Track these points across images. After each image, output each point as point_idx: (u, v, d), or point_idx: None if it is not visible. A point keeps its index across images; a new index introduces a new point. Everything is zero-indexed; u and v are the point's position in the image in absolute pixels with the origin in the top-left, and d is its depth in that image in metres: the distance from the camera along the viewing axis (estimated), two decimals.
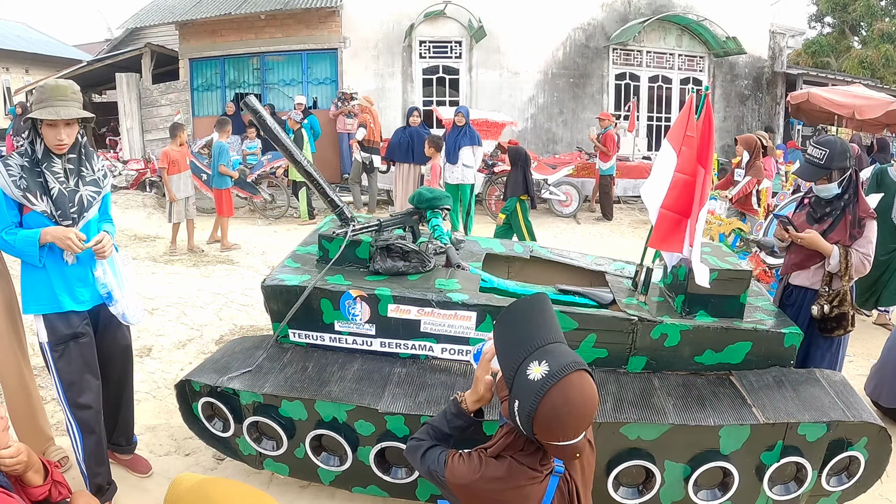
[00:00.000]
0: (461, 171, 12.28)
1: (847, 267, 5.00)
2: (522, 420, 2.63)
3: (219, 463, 5.15)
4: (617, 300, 4.75)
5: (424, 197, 5.06)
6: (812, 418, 4.16)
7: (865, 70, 34.43)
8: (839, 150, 5.04)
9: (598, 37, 19.53)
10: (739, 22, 20.10)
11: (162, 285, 9.71)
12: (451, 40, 18.84)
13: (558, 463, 2.78)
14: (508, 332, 2.81)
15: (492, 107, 18.17)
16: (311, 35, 18.47)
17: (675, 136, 4.54)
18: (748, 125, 21.32)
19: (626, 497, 4.21)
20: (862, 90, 18.82)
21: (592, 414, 2.68)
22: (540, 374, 2.60)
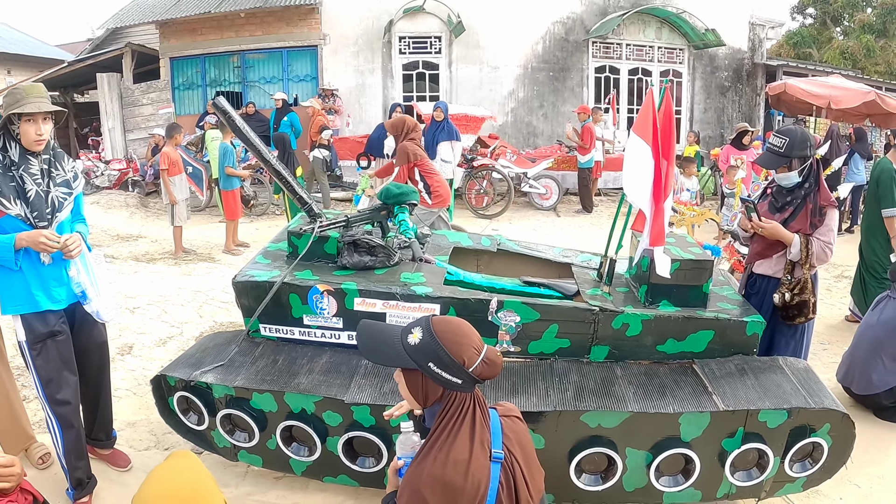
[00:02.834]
0: (440, 165, 12.29)
1: (808, 255, 5.05)
2: (445, 364, 2.72)
3: (197, 456, 5.22)
4: (581, 291, 4.82)
5: (392, 192, 5.13)
6: (772, 405, 4.23)
7: (847, 61, 34.62)
8: (799, 139, 5.09)
9: (578, 30, 19.59)
10: (719, 14, 20.19)
11: (143, 284, 9.75)
12: (431, 36, 18.88)
13: (496, 448, 2.85)
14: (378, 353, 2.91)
15: (472, 101, 18.21)
16: (291, 32, 18.50)
17: (643, 128, 4.56)
18: (729, 117, 21.44)
19: (589, 484, 4.28)
20: (840, 81, 18.89)
21: (469, 325, 2.88)
22: (417, 333, 2.78)
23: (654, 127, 4.48)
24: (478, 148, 16.15)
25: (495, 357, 2.81)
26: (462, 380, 2.74)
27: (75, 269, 4.42)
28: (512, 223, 14.81)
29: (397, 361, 2.83)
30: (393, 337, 2.85)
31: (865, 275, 8.65)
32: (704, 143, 19.96)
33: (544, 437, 4.16)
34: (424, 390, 2.82)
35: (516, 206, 16.08)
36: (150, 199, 16.82)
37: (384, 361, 2.93)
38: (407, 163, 8.95)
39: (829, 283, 11.37)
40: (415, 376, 2.82)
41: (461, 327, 2.84)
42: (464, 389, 2.79)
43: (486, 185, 15.26)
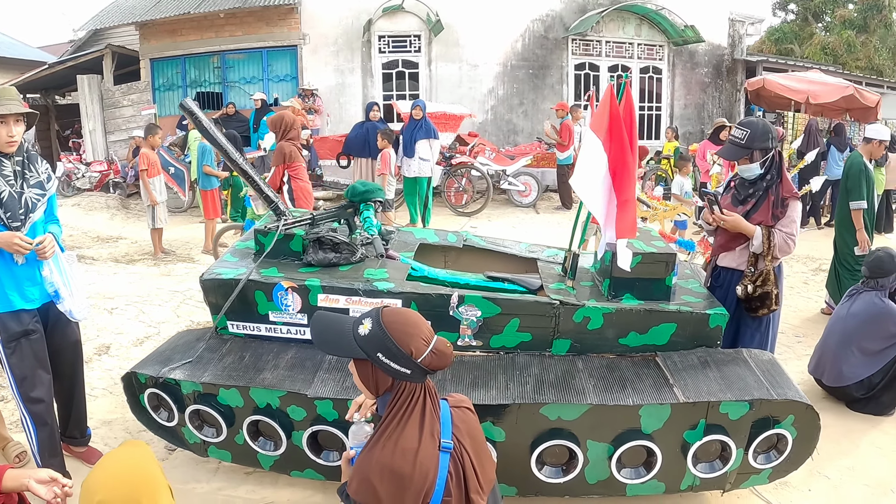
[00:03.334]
0: (418, 164, 12.40)
1: (770, 247, 5.08)
2: (393, 355, 2.80)
3: (170, 453, 5.27)
4: (544, 286, 4.85)
5: (358, 190, 5.18)
6: (734, 397, 4.26)
7: (828, 56, 34.80)
8: (760, 131, 5.13)
9: (557, 27, 19.64)
10: (698, 10, 20.28)
11: (122, 285, 9.78)
12: (410, 34, 18.89)
13: (445, 438, 2.89)
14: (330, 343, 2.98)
15: (452, 99, 18.28)
16: (271, 32, 18.49)
17: (598, 125, 4.59)
18: (709, 112, 21.53)
19: (551, 476, 4.32)
20: (818, 76, 19.00)
21: (420, 316, 2.98)
22: (367, 324, 2.85)
23: (613, 122, 4.52)
24: (457, 146, 16.21)
25: (445, 348, 2.87)
26: (411, 370, 2.81)
27: (48, 270, 4.51)
28: (491, 220, 14.87)
29: (348, 352, 2.89)
30: (345, 328, 2.92)
31: (839, 267, 8.74)
32: (685, 139, 20.04)
33: (505, 431, 4.19)
34: (375, 380, 2.89)
35: (496, 204, 16.16)
36: (131, 200, 16.84)
37: (336, 352, 3.00)
38: (282, 163, 8.90)
39: (807, 277, 11.47)
40: (365, 366, 2.89)
41: (410, 318, 2.90)
42: (413, 380, 2.85)
43: (465, 182, 15.32)
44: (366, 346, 2.83)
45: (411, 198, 12.71)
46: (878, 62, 36.10)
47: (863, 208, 8.39)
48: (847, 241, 8.59)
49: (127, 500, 2.33)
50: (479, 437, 3.10)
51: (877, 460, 5.71)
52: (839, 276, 8.69)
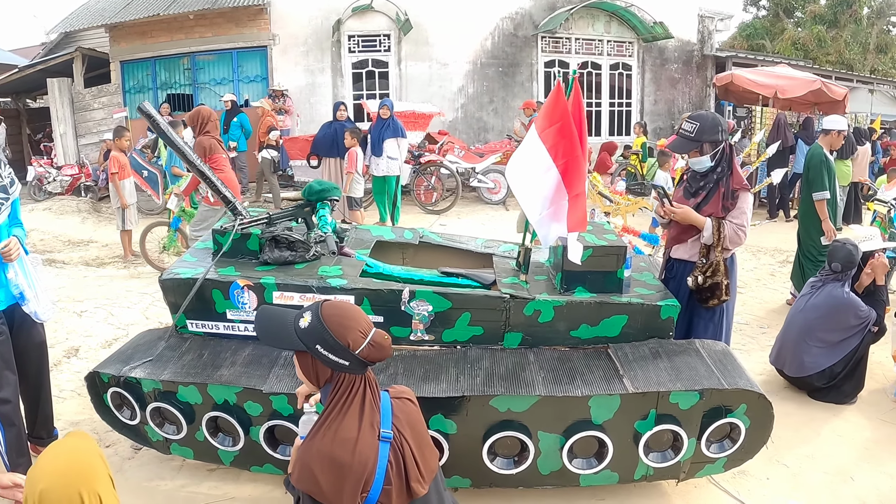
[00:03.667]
0: (386, 163, 12.44)
1: (720, 238, 5.12)
2: (331, 347, 2.88)
3: (136, 452, 5.31)
4: (498, 280, 4.91)
5: (314, 189, 5.23)
6: (684, 387, 4.31)
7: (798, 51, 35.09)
8: (710, 124, 5.16)
9: (527, 25, 19.74)
10: (667, 7, 20.44)
11: (91, 288, 9.79)
12: (380, 34, 18.95)
13: (385, 428, 2.96)
14: (273, 336, 3.07)
15: (422, 98, 18.31)
16: (241, 33, 18.51)
17: (543, 122, 4.64)
18: (679, 108, 21.69)
19: (503, 468, 4.37)
20: (786, 70, 19.17)
21: (359, 309, 3.09)
22: (307, 317, 2.95)
23: (562, 119, 4.56)
24: (426, 144, 16.26)
25: (382, 340, 2.94)
26: (349, 361, 2.88)
27: (13, 272, 4.56)
28: (461, 218, 14.92)
29: (289, 344, 2.98)
30: (287, 321, 3.00)
31: (803, 259, 8.83)
32: (655, 135, 20.18)
33: (456, 423, 4.25)
34: (315, 371, 2.97)
35: (465, 201, 16.21)
36: (103, 203, 16.77)
37: (278, 344, 3.09)
38: (203, 157, 8.86)
39: (774, 268, 11.61)
40: (306, 358, 2.97)
41: (348, 311, 2.98)
42: (352, 371, 2.92)
43: (435, 180, 15.35)
44: (305, 338, 2.90)
45: (380, 196, 12.75)
46: (849, 57, 36.48)
47: (826, 198, 8.47)
48: (811, 233, 8.68)
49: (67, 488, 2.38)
50: (419, 427, 3.16)
51: (837, 448, 5.78)
52: (803, 267, 8.76)
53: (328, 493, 2.81)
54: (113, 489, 2.58)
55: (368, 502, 2.88)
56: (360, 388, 2.96)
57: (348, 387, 2.94)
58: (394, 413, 3.05)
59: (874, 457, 5.67)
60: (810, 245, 8.64)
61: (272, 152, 15.16)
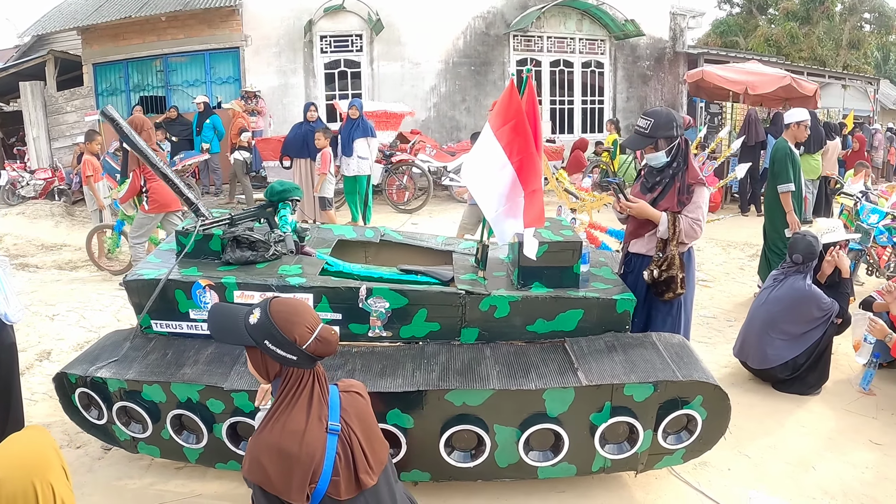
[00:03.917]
0: (357, 162, 12.47)
1: (675, 232, 5.17)
2: (278, 342, 2.97)
3: (106, 452, 5.33)
4: (456, 277, 4.97)
5: (275, 190, 5.29)
6: (638, 379, 4.38)
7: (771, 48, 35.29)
8: (664, 120, 5.21)
9: (499, 24, 19.85)
10: (639, 5, 20.60)
11: (64, 291, 9.77)
12: (352, 34, 19.02)
13: (333, 421, 3.04)
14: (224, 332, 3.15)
15: (394, 98, 18.36)
16: (213, 34, 18.52)
17: (498, 119, 4.68)
18: (651, 104, 21.80)
19: (461, 461, 4.44)
20: (756, 66, 19.35)
21: (308, 305, 3.22)
22: (257, 313, 3.03)
23: (517, 116, 4.61)
24: (398, 143, 16.30)
25: (329, 336, 3.02)
26: (296, 356, 2.97)
27: None
28: (433, 217, 14.93)
29: (239, 340, 3.06)
30: (238, 318, 3.08)
31: (769, 252, 8.93)
32: (627, 132, 20.23)
33: (413, 417, 4.32)
34: (265, 366, 3.05)
35: (437, 200, 16.27)
36: (77, 207, 16.71)
37: (229, 340, 3.15)
38: (137, 166, 9.06)
39: (743, 262, 11.74)
40: (255, 353, 3.05)
41: (296, 307, 3.06)
42: (300, 365, 3.01)
43: (407, 180, 15.38)
44: (254, 334, 2.99)
45: (352, 196, 12.78)
46: (821, 53, 36.67)
47: (790, 191, 8.59)
48: (776, 226, 8.80)
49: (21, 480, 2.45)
50: (368, 420, 3.25)
51: (800, 438, 5.86)
52: (769, 260, 8.85)
53: (277, 483, 2.88)
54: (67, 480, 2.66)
55: (317, 493, 2.95)
56: (309, 382, 3.05)
57: (297, 381, 3.03)
58: (342, 406, 3.13)
59: (837, 446, 5.75)
60: (776, 238, 8.74)
61: (244, 154, 15.19)
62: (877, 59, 48.49)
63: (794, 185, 8.63)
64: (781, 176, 8.66)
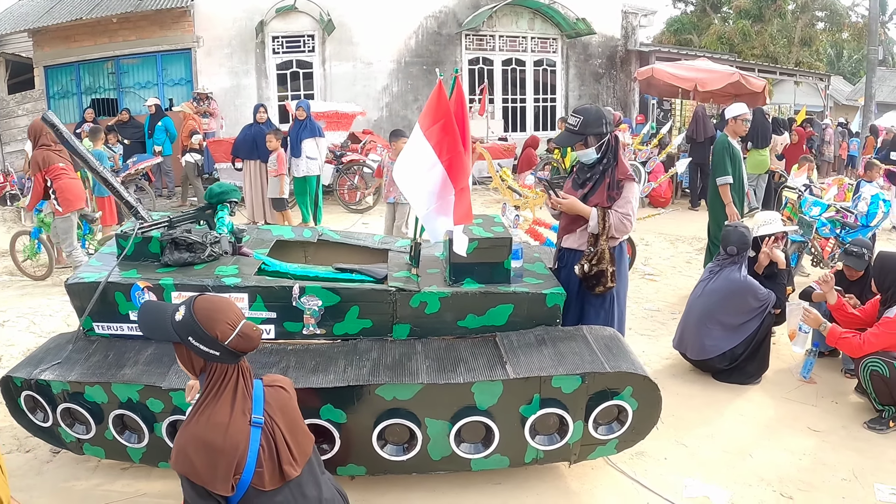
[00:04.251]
0: (305, 163, 12.47)
1: (605, 227, 5.23)
2: (201, 338, 3.08)
3: (54, 455, 5.36)
4: (389, 274, 5.07)
5: (214, 192, 5.37)
6: (566, 371, 4.49)
7: (724, 45, 35.68)
8: (593, 117, 5.28)
9: (451, 23, 19.96)
10: (591, 3, 20.77)
11: (14, 297, 9.73)
12: (304, 34, 19.03)
13: (256, 414, 3.16)
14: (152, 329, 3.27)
15: (347, 98, 18.38)
16: (165, 36, 18.41)
17: (427, 119, 4.77)
18: (603, 102, 22.00)
19: (394, 454, 4.54)
20: (706, 64, 19.63)
21: (231, 302, 3.28)
22: (182, 311, 3.14)
23: (445, 116, 4.71)
24: (349, 144, 16.32)
25: (251, 331, 3.14)
26: (219, 352, 3.09)
27: None
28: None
29: (166, 336, 3.17)
30: (165, 315, 3.18)
31: (712, 246, 9.09)
32: None
33: (346, 413, 4.41)
34: (191, 361, 3.18)
35: None
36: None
37: (157, 337, 3.30)
38: (38, 171, 9.15)
39: (690, 256, 11.92)
40: (182, 349, 3.17)
41: (218, 304, 3.18)
42: (224, 361, 3.13)
43: (358, 180, 15.40)
44: (179, 330, 3.10)
45: (302, 197, 12.76)
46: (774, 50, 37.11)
47: (728, 183, 8.78)
48: (718, 221, 8.95)
49: None
50: (292, 413, 3.36)
51: (739, 427, 5.98)
52: (713, 254, 8.96)
53: (203, 474, 3.01)
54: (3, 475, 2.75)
55: (242, 483, 3.08)
56: (233, 376, 3.17)
57: (221, 375, 3.15)
58: (266, 400, 3.25)
59: (775, 434, 5.89)
60: (717, 231, 8.81)
61: (196, 156, 15.17)
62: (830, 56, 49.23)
63: (733, 178, 8.81)
64: (719, 169, 8.87)
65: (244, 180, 13.28)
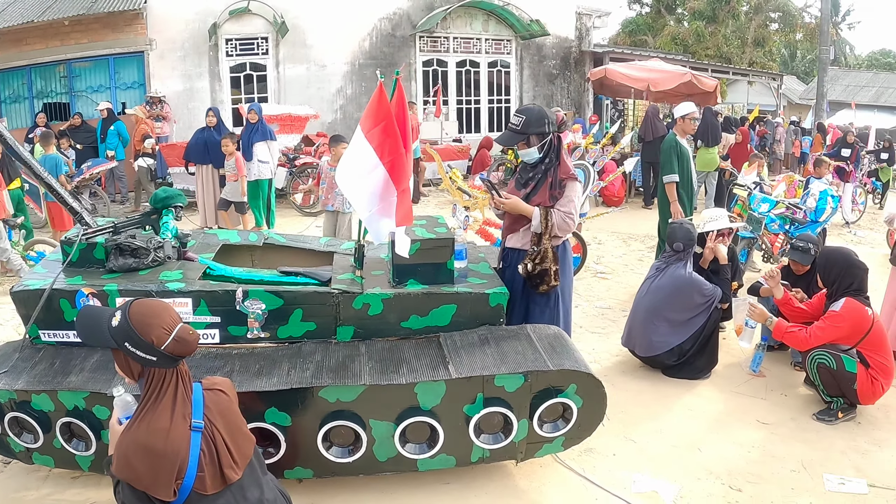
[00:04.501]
0: (257, 167, 12.37)
1: (548, 226, 5.27)
2: (137, 344, 3.09)
3: (6, 466, 5.33)
4: (334, 277, 5.09)
5: (159, 197, 5.35)
6: (508, 370, 4.55)
7: (678, 46, 36.06)
8: (536, 117, 5.32)
9: (405, 25, 20.00)
10: (545, 5, 20.92)
11: None
12: (258, 37, 18.95)
13: (196, 418, 3.17)
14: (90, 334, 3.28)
15: (301, 100, 18.32)
16: (117, 39, 18.18)
17: (368, 121, 4.82)
18: (558, 103, 22.16)
19: (339, 456, 4.56)
20: (658, 64, 19.80)
21: (167, 306, 3.28)
22: (118, 316, 3.14)
23: (384, 118, 4.77)
24: (302, 147, 16.28)
25: (187, 336, 3.16)
26: (156, 357, 3.10)
27: None
28: None
29: (104, 342, 3.18)
30: (102, 320, 3.18)
31: (662, 244, 9.16)
32: None
33: (290, 416, 4.42)
34: (129, 366, 3.19)
35: None
36: None
37: (94, 342, 3.31)
38: None
39: (643, 254, 12.07)
40: (119, 354, 3.18)
41: (153, 309, 3.18)
42: (161, 366, 3.14)
43: (312, 183, 15.30)
44: (116, 336, 3.11)
45: (255, 201, 12.62)
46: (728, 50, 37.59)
47: (675, 181, 8.93)
48: (667, 218, 9.07)
49: None
50: (231, 416, 3.38)
51: (688, 422, 6.07)
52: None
53: (144, 480, 3.02)
54: None
55: (184, 488, 3.09)
56: (172, 381, 3.18)
57: (160, 380, 3.16)
58: (205, 404, 3.27)
59: (724, 427, 5.99)
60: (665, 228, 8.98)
61: (148, 160, 15.04)
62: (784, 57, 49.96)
63: (680, 177, 8.95)
64: (665, 167, 9.04)
65: (196, 185, 13.20)
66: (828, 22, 29.51)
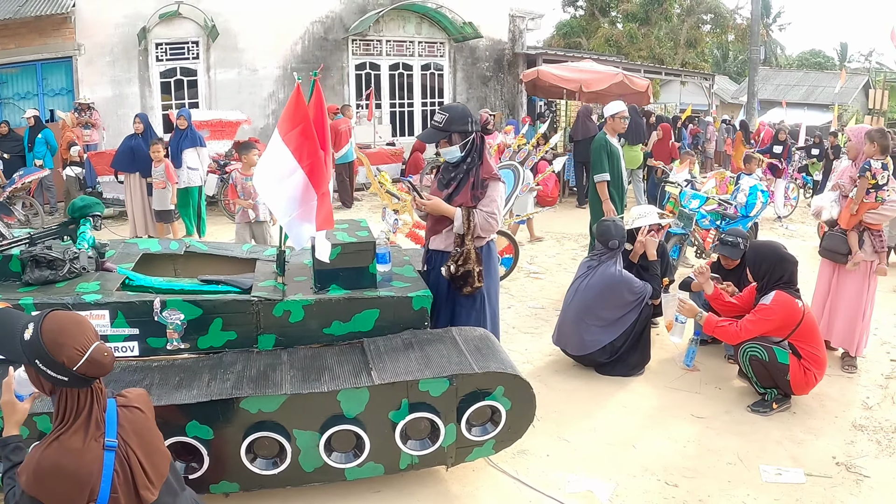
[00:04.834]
0: (187, 174, 12.22)
1: (470, 227, 5.24)
2: (47, 363, 2.90)
3: None
4: (255, 284, 5.03)
5: (76, 206, 5.24)
6: (432, 374, 4.50)
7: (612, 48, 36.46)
8: (459, 115, 5.31)
9: (337, 29, 19.90)
10: (478, 7, 20.98)
11: None
12: (188, 41, 18.66)
13: (110, 438, 3.04)
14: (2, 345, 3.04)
15: (232, 105, 18.16)
16: (45, 44, 17.71)
17: (285, 124, 4.76)
18: (492, 105, 22.21)
19: (264, 469, 4.44)
20: (590, 65, 19.99)
21: (83, 323, 3.08)
22: (31, 328, 2.93)
23: (302, 121, 4.72)
24: (233, 153, 16.10)
25: (101, 357, 2.99)
26: (68, 377, 2.93)
27: None
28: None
29: (14, 355, 2.99)
30: (16, 330, 2.98)
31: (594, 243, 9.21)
32: None
33: (212, 428, 4.31)
34: (41, 382, 3.02)
35: None
36: None
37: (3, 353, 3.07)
38: None
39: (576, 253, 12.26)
40: (31, 370, 3.00)
41: (66, 327, 2.98)
42: (73, 386, 2.98)
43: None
44: (27, 351, 2.91)
45: (185, 209, 12.44)
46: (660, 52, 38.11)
47: (605, 180, 8.99)
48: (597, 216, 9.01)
49: None
50: (146, 435, 3.25)
51: (622, 419, 6.09)
52: None
53: (56, 501, 2.92)
54: None
55: None
56: (86, 400, 3.03)
57: (73, 400, 3.01)
58: (119, 423, 3.13)
59: (659, 423, 6.02)
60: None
61: (77, 169, 14.68)
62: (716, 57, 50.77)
63: (610, 175, 9.02)
64: (596, 166, 9.10)
65: (125, 194, 12.98)
66: (758, 23, 29.98)
